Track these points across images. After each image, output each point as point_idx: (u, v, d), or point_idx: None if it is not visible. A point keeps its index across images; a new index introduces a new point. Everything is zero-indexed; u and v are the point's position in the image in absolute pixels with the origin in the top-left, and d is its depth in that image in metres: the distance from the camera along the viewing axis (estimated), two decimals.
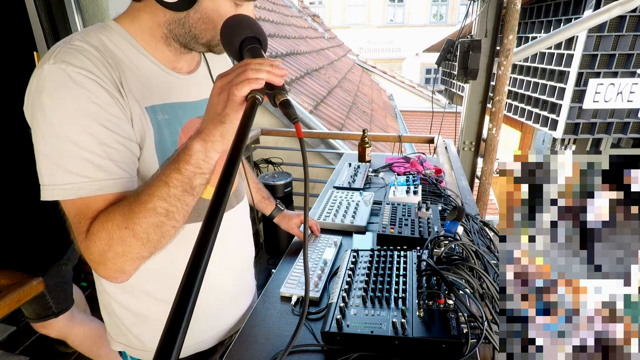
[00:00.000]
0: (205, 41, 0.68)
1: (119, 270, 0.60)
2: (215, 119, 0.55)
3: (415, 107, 10.12)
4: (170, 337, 0.30)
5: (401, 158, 1.97)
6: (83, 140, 0.57)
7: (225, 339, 0.95)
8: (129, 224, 0.57)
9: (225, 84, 0.54)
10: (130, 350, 0.84)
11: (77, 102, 0.57)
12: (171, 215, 0.58)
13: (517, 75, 5.36)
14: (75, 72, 0.57)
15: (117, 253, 0.58)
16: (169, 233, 0.60)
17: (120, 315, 0.81)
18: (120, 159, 0.62)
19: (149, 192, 0.57)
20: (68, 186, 0.58)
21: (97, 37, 0.64)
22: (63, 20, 1.90)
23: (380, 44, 15.01)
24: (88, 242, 0.59)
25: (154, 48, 0.70)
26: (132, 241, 0.57)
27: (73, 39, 0.62)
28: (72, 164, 0.57)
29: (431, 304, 0.81)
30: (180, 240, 0.75)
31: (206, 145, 0.56)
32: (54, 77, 0.57)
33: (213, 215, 0.38)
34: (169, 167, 0.58)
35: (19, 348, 2.06)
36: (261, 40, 0.61)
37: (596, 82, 4.25)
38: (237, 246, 0.94)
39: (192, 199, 0.60)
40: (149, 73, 0.69)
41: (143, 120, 0.66)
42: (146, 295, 0.79)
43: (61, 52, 0.59)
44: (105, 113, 0.60)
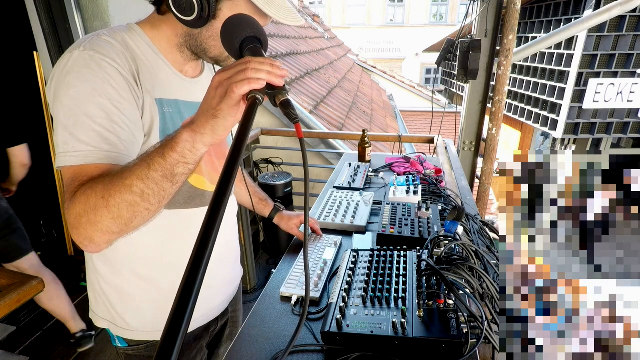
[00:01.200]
0: (214, 55, 0.77)
1: (88, 238, 0.61)
2: (209, 112, 0.56)
3: (415, 107, 10.12)
4: (173, 328, 0.30)
5: (401, 158, 1.97)
6: (96, 115, 0.64)
7: (211, 325, 1.00)
8: (105, 194, 0.59)
9: (225, 80, 0.54)
10: (115, 328, 0.88)
11: (98, 82, 0.64)
12: (146, 197, 0.59)
13: (517, 75, 5.36)
14: (100, 59, 0.65)
15: (89, 220, 0.60)
16: (142, 215, 0.61)
17: (107, 294, 0.85)
18: (125, 138, 0.67)
19: (131, 170, 0.59)
20: (77, 154, 0.63)
21: (121, 35, 0.73)
22: (63, 20, 1.90)
23: (380, 44, 15.00)
24: (70, 203, 0.62)
25: (168, 52, 0.78)
26: (104, 212, 0.59)
27: (101, 34, 0.71)
28: (84, 134, 0.63)
29: (431, 304, 0.81)
30: (170, 224, 0.81)
31: (195, 137, 0.57)
32: (82, 61, 0.65)
33: (214, 215, 0.38)
34: (155, 151, 0.60)
35: (19, 348, 2.06)
36: (262, 40, 0.61)
37: (596, 82, 4.25)
38: (222, 233, 0.97)
39: (170, 185, 0.60)
40: (160, 71, 0.77)
41: (152, 110, 0.73)
42: (134, 276, 0.83)
43: (91, 42, 0.67)
44: (119, 97, 0.66)
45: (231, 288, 1.06)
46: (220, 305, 1.01)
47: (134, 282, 0.83)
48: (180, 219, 0.83)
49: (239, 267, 1.12)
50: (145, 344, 0.88)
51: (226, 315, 1.07)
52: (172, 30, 0.76)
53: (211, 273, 0.93)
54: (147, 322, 0.87)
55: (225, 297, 1.03)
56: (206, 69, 0.90)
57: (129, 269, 0.82)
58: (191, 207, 0.84)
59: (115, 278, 0.83)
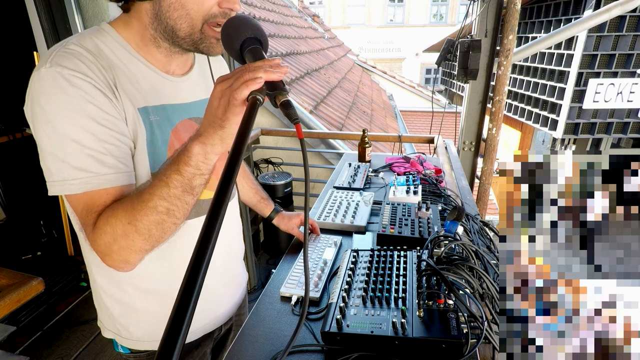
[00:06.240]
0: (185, 34, 0.68)
1: (123, 261, 0.64)
2: (215, 123, 0.56)
3: (415, 107, 10.11)
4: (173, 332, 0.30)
5: (401, 158, 1.97)
6: (84, 138, 0.61)
7: (214, 331, 0.98)
8: (131, 220, 0.60)
9: (226, 88, 0.55)
10: (120, 339, 0.87)
11: (75, 103, 0.60)
12: (172, 213, 0.61)
13: (517, 75, 5.36)
14: (71, 75, 0.60)
15: (121, 246, 0.61)
16: (170, 229, 0.63)
17: (109, 306, 0.84)
18: (119, 154, 0.65)
19: (151, 192, 0.60)
20: (75, 181, 0.61)
21: (92, 41, 0.67)
22: (63, 20, 1.90)
23: (380, 44, 15.00)
24: (95, 235, 0.62)
25: (147, 52, 0.73)
26: (135, 236, 0.61)
27: (69, 43, 0.65)
28: (77, 161, 0.61)
29: (431, 304, 0.81)
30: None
31: (205, 148, 0.58)
32: (51, 80, 0.60)
33: (214, 216, 0.38)
34: (169, 168, 0.60)
35: (19, 348, 2.06)
36: (262, 40, 0.61)
37: (596, 82, 4.25)
38: (225, 241, 0.95)
39: (192, 198, 0.62)
40: (142, 76, 0.72)
41: (136, 120, 0.69)
42: (133, 288, 0.82)
43: (57, 55, 0.62)
44: (102, 112, 0.63)
45: (237, 294, 1.04)
46: (228, 312, 0.99)
47: (135, 295, 0.82)
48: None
49: (244, 272, 1.10)
50: (147, 352, 0.88)
51: (231, 321, 1.05)
52: (140, 23, 0.70)
53: (216, 281, 0.92)
54: (151, 331, 0.86)
55: (232, 304, 1.01)
56: (196, 63, 0.85)
57: (129, 282, 0.81)
58: (187, 218, 0.82)
59: (116, 291, 0.82)
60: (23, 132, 2.98)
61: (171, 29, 0.68)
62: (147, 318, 0.84)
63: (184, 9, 0.66)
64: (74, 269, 2.69)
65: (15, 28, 2.53)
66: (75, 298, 2.44)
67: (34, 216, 2.99)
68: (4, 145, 2.90)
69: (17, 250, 2.84)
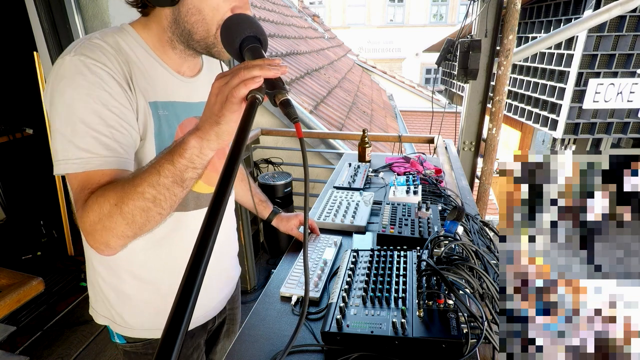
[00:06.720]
0: (200, 37, 0.73)
1: (104, 243, 0.64)
2: (212, 119, 0.57)
3: (415, 107, 10.11)
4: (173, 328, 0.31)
5: (401, 158, 1.97)
6: (93, 122, 0.64)
7: (208, 323, 1.00)
8: (118, 201, 0.61)
9: (223, 85, 0.56)
10: (114, 326, 0.89)
11: (91, 88, 0.64)
12: (158, 202, 0.61)
13: (517, 75, 5.36)
14: (92, 63, 0.65)
15: (104, 227, 0.62)
16: (154, 219, 0.63)
17: (106, 293, 0.86)
18: (123, 141, 0.68)
19: (142, 177, 0.61)
20: (77, 161, 0.64)
21: (113, 37, 0.72)
22: (63, 20, 1.90)
23: (380, 44, 15.00)
24: (82, 211, 0.64)
25: (162, 52, 0.78)
26: (118, 219, 0.61)
27: (93, 37, 0.70)
28: (82, 141, 0.64)
29: (431, 304, 0.81)
30: (166, 225, 0.81)
31: (202, 143, 0.59)
32: (73, 67, 0.64)
33: (214, 215, 0.38)
34: (164, 157, 0.61)
35: (19, 348, 2.06)
36: (261, 39, 0.62)
37: (596, 82, 4.25)
38: (219, 237, 0.95)
39: (181, 190, 0.63)
40: (156, 73, 0.76)
41: (146, 113, 0.73)
42: (130, 276, 0.83)
43: (82, 46, 0.67)
44: (114, 101, 0.66)
45: (229, 287, 1.06)
46: (219, 304, 1.01)
47: (132, 283, 0.84)
48: (174, 222, 0.83)
49: (237, 266, 1.12)
50: (142, 342, 0.89)
51: (224, 314, 1.08)
52: (159, 26, 0.75)
53: (209, 272, 0.94)
54: (145, 320, 0.87)
55: (223, 296, 1.03)
56: (204, 67, 0.90)
57: (127, 270, 0.83)
58: (186, 210, 0.84)
59: (113, 279, 0.84)
60: (23, 132, 2.98)
61: (188, 32, 0.73)
62: (142, 306, 0.86)
63: (200, 14, 0.70)
64: (74, 269, 2.69)
65: (15, 28, 2.53)
66: (75, 298, 2.44)
67: (34, 216, 2.99)
68: (4, 145, 2.90)
69: (17, 250, 2.84)
